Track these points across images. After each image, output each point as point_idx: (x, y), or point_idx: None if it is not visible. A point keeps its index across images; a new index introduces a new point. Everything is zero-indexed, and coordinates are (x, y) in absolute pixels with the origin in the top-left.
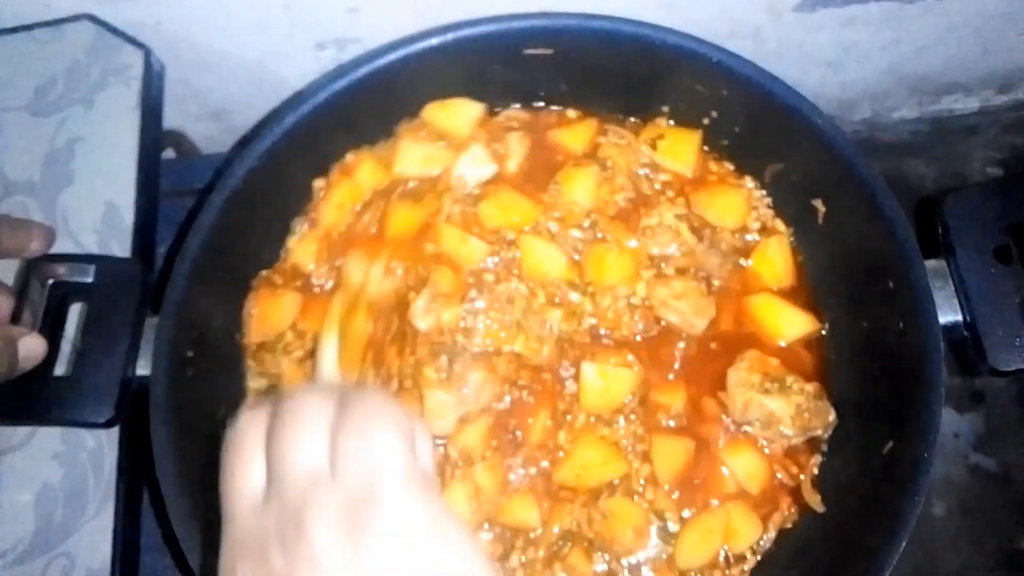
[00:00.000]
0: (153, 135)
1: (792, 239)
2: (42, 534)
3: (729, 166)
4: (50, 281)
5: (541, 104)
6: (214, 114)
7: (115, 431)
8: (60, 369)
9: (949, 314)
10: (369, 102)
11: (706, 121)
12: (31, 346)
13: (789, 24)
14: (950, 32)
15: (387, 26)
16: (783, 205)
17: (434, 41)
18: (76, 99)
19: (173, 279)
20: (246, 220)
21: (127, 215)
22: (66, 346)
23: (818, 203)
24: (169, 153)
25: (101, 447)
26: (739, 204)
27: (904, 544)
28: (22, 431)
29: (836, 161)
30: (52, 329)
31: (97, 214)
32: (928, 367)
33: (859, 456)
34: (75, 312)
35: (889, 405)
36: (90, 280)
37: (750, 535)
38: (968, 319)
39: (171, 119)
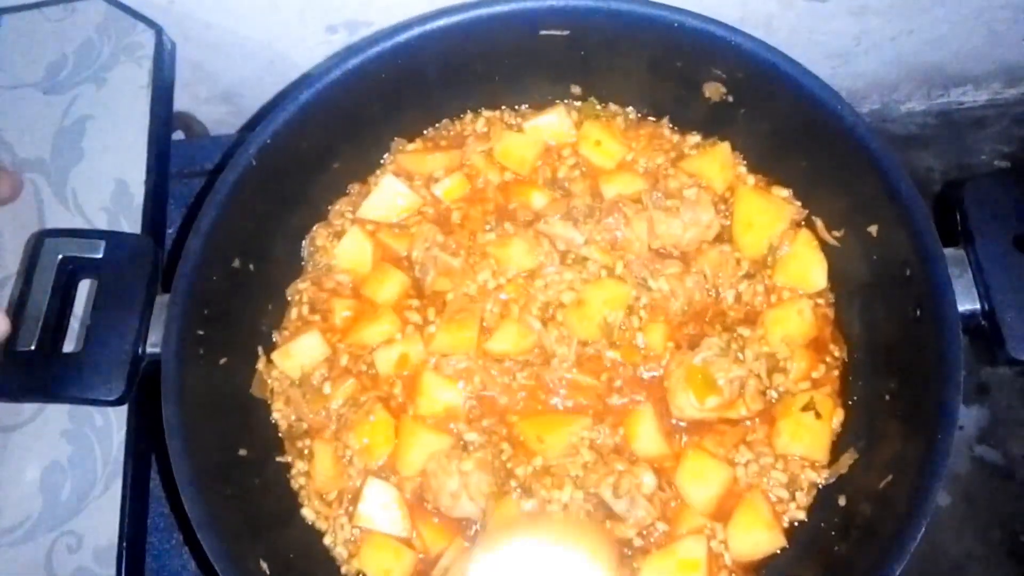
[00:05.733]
0: (164, 114)
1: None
2: (49, 512)
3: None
4: (59, 256)
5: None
6: (224, 96)
7: (123, 409)
8: (69, 346)
9: (967, 303)
10: (382, 82)
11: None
12: None
13: (800, 13)
14: (961, 23)
15: (398, 10)
16: (800, 195)
17: (448, 20)
18: (87, 77)
19: (185, 255)
20: (259, 197)
21: (137, 193)
22: (75, 323)
23: (837, 191)
24: (178, 135)
25: (109, 425)
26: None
27: (921, 535)
28: (30, 408)
29: (852, 146)
30: (61, 305)
31: (107, 192)
32: (946, 354)
33: (872, 448)
34: (84, 288)
35: (906, 394)
36: (100, 256)
37: None
38: (986, 308)
39: (181, 101)
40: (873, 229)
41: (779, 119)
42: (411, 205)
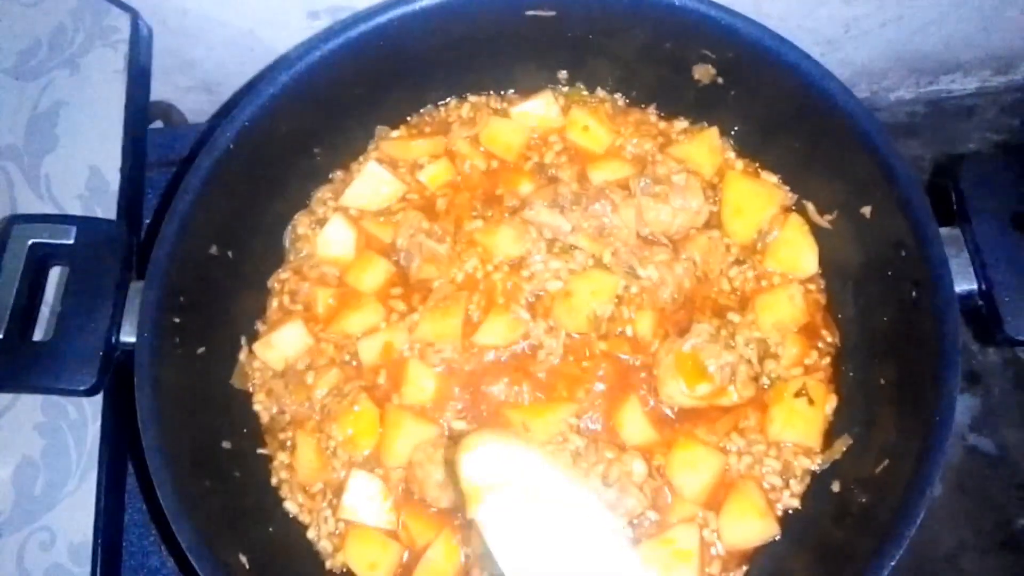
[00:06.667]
0: (140, 99)
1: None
2: (21, 507)
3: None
4: (29, 242)
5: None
6: (204, 86)
7: (98, 401)
8: (39, 334)
9: (964, 283)
10: (364, 65)
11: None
12: None
13: None
14: (952, 9)
15: None
16: (790, 179)
17: (431, 0)
18: (61, 63)
19: (159, 240)
20: (237, 182)
21: (113, 180)
22: (45, 310)
23: (829, 172)
24: (158, 125)
25: (84, 418)
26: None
27: (919, 521)
28: (1, 401)
29: (845, 125)
30: (30, 292)
31: (81, 179)
32: (944, 334)
33: (867, 433)
34: (56, 275)
35: (902, 378)
36: (71, 242)
37: None
38: (984, 287)
39: (160, 91)
40: (866, 210)
41: (770, 100)
42: (395, 192)
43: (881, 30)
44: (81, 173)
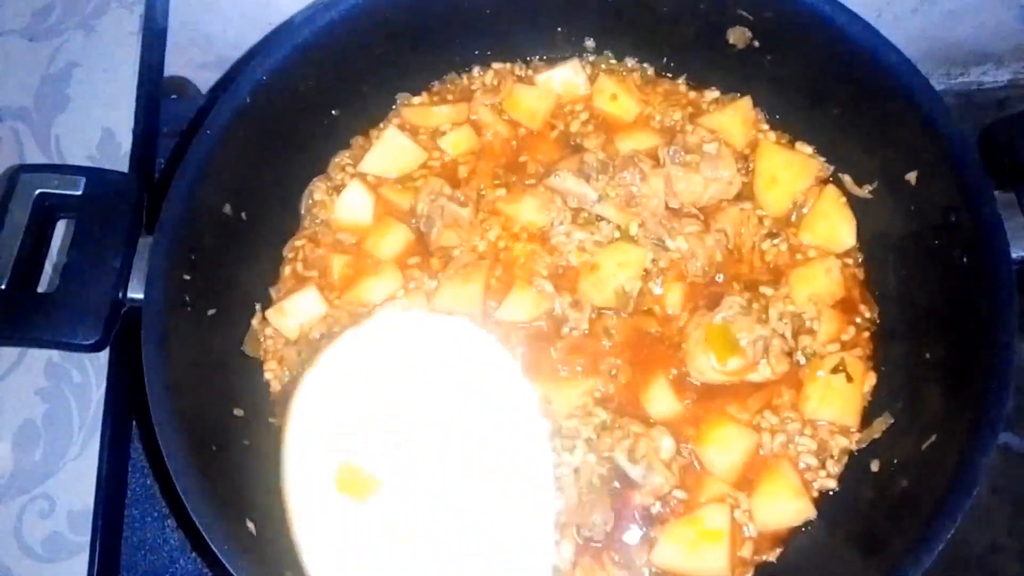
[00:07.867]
0: (155, 62)
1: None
2: (20, 474)
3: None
4: (36, 192)
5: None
6: (220, 62)
7: (103, 366)
8: (44, 286)
9: (1020, 248)
10: (386, 23)
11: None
12: None
13: None
14: None
15: None
16: (826, 150)
17: None
18: (75, 23)
19: (171, 194)
20: (253, 139)
21: (125, 142)
22: (51, 265)
23: (870, 138)
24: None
25: (88, 382)
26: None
27: (971, 501)
28: (3, 364)
29: (891, 85)
30: (36, 243)
31: (93, 140)
32: (999, 294)
33: (911, 410)
34: (63, 228)
35: (950, 349)
36: (79, 193)
37: None
38: None
39: (175, 66)
40: (911, 176)
41: (809, 63)
42: (415, 159)
43: (913, 15)
44: (93, 134)
